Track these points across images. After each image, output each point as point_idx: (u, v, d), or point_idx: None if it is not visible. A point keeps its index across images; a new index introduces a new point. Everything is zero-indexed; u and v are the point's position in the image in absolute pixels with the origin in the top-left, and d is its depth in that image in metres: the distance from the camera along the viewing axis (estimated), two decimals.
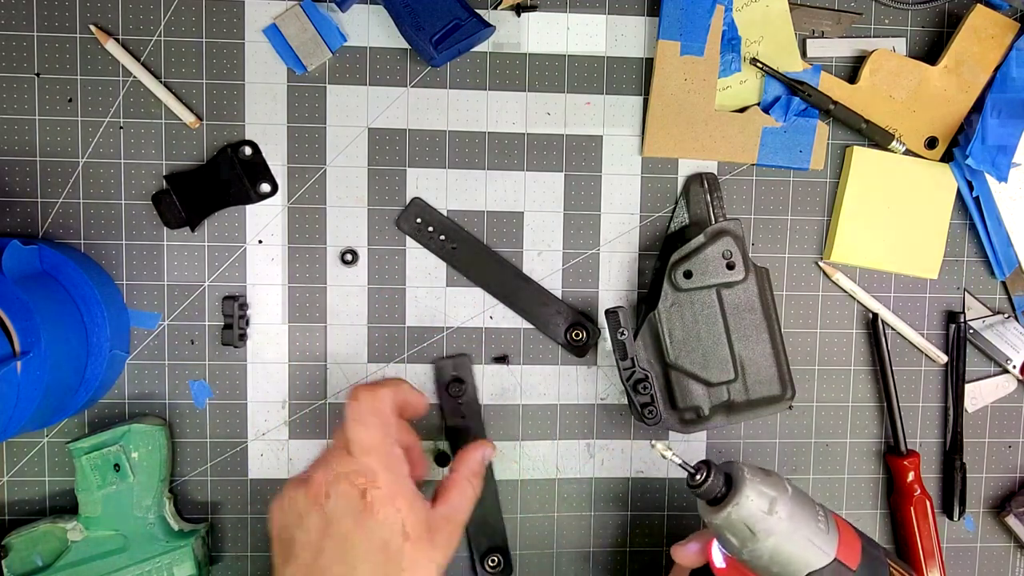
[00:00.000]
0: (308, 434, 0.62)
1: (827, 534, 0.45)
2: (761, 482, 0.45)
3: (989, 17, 0.61)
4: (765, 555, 0.43)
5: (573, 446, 0.64)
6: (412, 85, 0.61)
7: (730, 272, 0.59)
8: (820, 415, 0.65)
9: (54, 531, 0.57)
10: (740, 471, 0.45)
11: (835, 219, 0.64)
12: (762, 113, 0.62)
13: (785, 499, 0.44)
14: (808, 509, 0.45)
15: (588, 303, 0.63)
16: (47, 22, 0.58)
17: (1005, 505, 0.66)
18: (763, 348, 0.60)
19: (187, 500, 0.61)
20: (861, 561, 0.45)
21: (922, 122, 0.63)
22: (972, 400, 0.66)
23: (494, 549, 0.63)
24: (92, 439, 0.57)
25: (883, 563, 0.47)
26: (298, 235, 0.61)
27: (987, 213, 0.64)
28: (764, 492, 0.44)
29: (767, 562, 0.44)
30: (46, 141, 0.59)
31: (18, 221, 0.59)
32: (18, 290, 0.50)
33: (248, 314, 0.61)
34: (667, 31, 0.60)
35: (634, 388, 0.58)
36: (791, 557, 0.44)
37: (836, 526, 0.46)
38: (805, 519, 0.44)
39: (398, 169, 0.61)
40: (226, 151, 0.59)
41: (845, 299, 0.65)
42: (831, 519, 0.46)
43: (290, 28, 0.59)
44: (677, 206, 0.63)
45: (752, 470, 0.46)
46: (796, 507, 0.44)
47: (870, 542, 0.48)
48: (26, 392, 0.50)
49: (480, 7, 0.60)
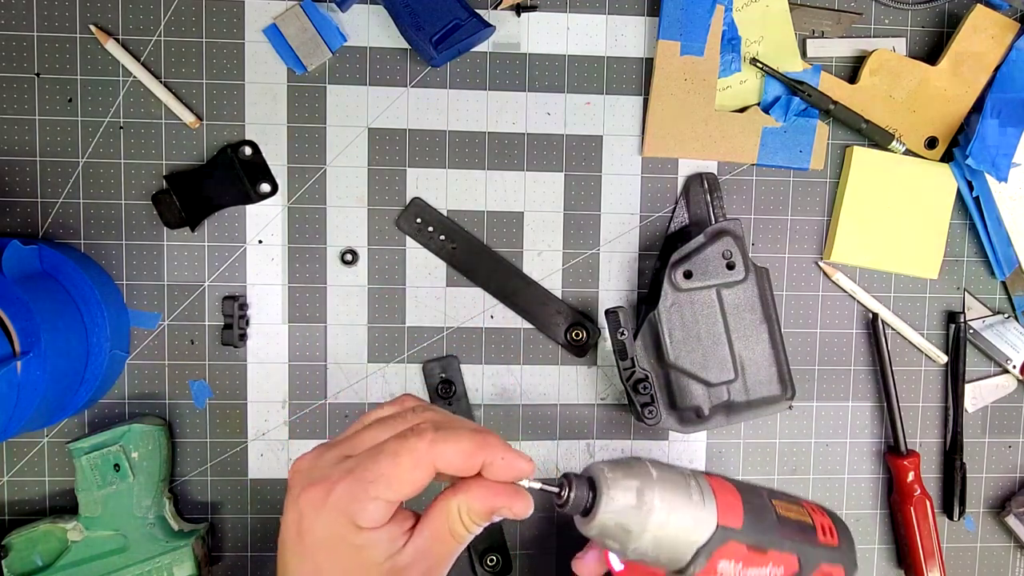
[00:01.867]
0: (308, 434, 0.62)
1: (704, 505, 0.43)
2: (624, 476, 0.42)
3: (989, 17, 0.61)
4: (649, 548, 0.42)
5: (573, 446, 0.64)
6: (412, 85, 0.61)
7: (730, 272, 0.59)
8: (820, 415, 0.65)
9: (54, 531, 0.57)
10: (599, 472, 0.42)
11: (835, 219, 0.64)
12: (762, 113, 0.62)
13: (652, 485, 0.42)
14: (678, 486, 0.43)
15: (588, 303, 0.63)
16: (47, 22, 0.58)
17: (1005, 505, 0.66)
18: (763, 348, 0.60)
19: (187, 500, 0.61)
20: (744, 517, 0.44)
21: (922, 122, 0.63)
22: (972, 400, 0.66)
23: (493, 548, 0.63)
24: (92, 439, 0.57)
25: (768, 509, 0.45)
26: (298, 235, 0.61)
27: (987, 213, 0.64)
28: (628, 486, 0.42)
29: (655, 553, 0.42)
30: (46, 141, 0.59)
31: (18, 221, 0.59)
32: (18, 290, 0.50)
33: (248, 314, 0.61)
34: (667, 31, 0.60)
35: (634, 388, 0.58)
36: (675, 542, 0.42)
37: (712, 491, 0.44)
38: (678, 498, 0.42)
39: (398, 169, 0.61)
40: (226, 151, 0.59)
41: (845, 299, 0.65)
42: (705, 485, 0.44)
43: (290, 28, 0.59)
44: (677, 206, 0.63)
45: (611, 466, 0.43)
46: (665, 490, 0.42)
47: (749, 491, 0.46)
48: (26, 392, 0.50)
49: (480, 7, 0.60)
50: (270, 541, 0.62)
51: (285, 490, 0.61)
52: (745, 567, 0.43)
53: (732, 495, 0.45)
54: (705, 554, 0.42)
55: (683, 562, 0.42)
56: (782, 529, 0.45)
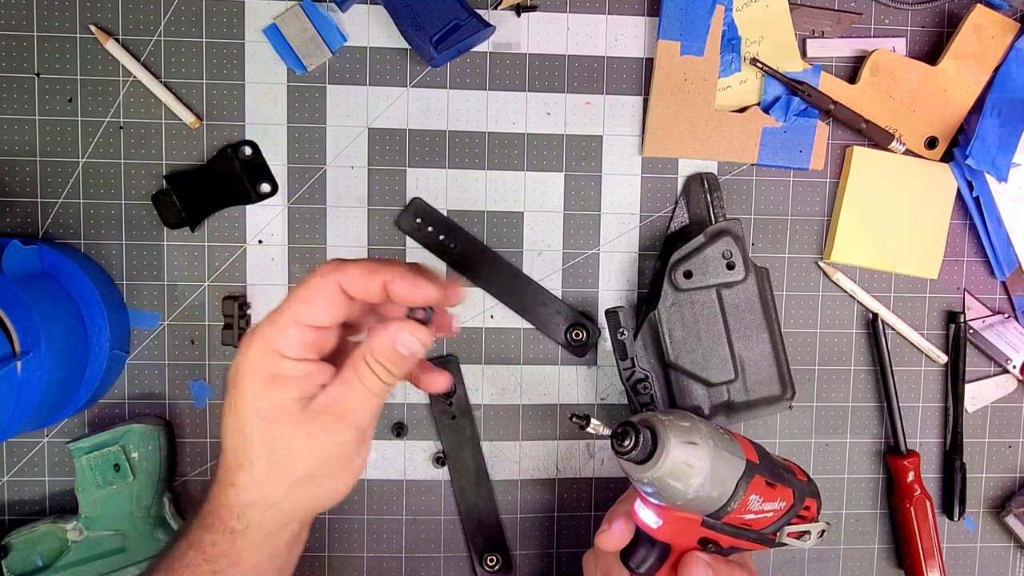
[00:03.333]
0: None
1: (734, 442, 0.47)
2: (677, 419, 0.45)
3: (989, 17, 0.61)
4: (706, 483, 0.44)
5: (573, 446, 0.64)
6: (412, 85, 0.61)
7: (730, 272, 0.59)
8: (820, 415, 0.65)
9: (54, 531, 0.57)
10: (656, 420, 0.45)
11: (835, 219, 0.64)
12: (762, 113, 0.62)
13: (699, 427, 0.45)
14: (714, 427, 0.47)
15: (588, 303, 0.63)
16: (47, 22, 0.58)
17: (1005, 505, 0.66)
18: (763, 348, 0.60)
19: (187, 500, 0.61)
20: (758, 453, 0.48)
21: (922, 122, 0.63)
22: (972, 400, 0.66)
23: (493, 548, 0.63)
24: (92, 439, 0.57)
25: (763, 449, 0.49)
26: (298, 235, 0.61)
27: (987, 213, 0.64)
28: (684, 429, 0.45)
29: (707, 491, 0.44)
30: (46, 141, 0.59)
31: (18, 221, 0.59)
32: (18, 290, 0.50)
33: (248, 314, 0.61)
34: (667, 31, 0.60)
35: (634, 388, 0.58)
36: (723, 476, 0.45)
37: (729, 432, 0.48)
38: (719, 438, 0.46)
39: (398, 169, 0.61)
40: (226, 151, 0.59)
41: (845, 299, 0.65)
42: (722, 428, 0.48)
43: (290, 28, 0.59)
44: (677, 206, 0.63)
45: (664, 412, 0.46)
46: (710, 430, 0.46)
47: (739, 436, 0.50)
48: (26, 392, 0.50)
49: (480, 7, 0.60)
50: None
51: None
52: (764, 501, 0.47)
53: (740, 436, 0.49)
54: (742, 487, 0.46)
55: (725, 497, 0.45)
56: (778, 467, 0.49)
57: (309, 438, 0.40)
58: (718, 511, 0.46)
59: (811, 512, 0.52)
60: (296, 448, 0.40)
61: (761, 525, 0.49)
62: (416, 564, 0.63)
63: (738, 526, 0.48)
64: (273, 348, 0.40)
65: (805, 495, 0.50)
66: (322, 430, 0.40)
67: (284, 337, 0.40)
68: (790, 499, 0.49)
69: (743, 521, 0.47)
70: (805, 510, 0.51)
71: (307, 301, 0.40)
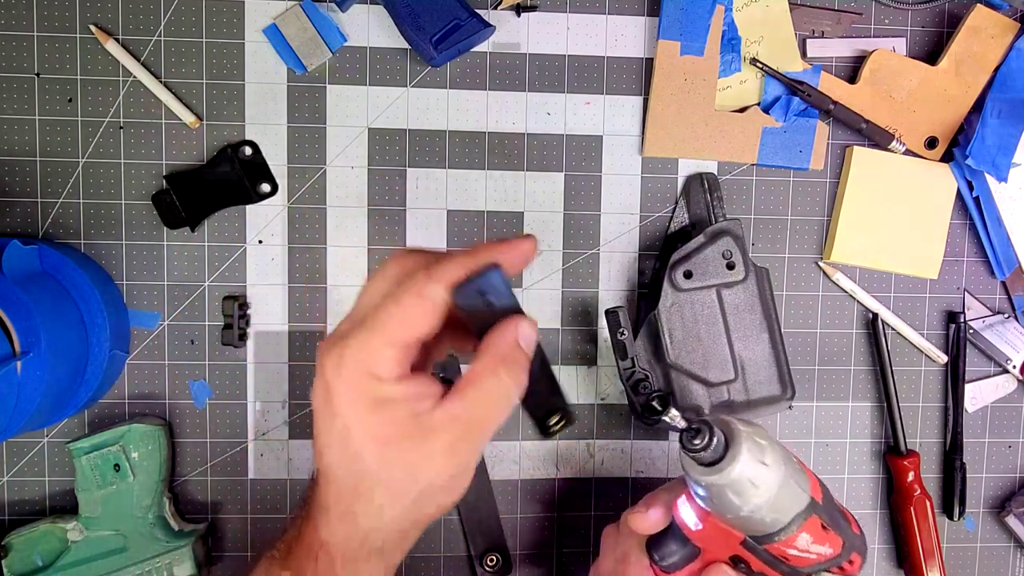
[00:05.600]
0: (308, 434, 0.62)
1: (804, 475, 0.45)
2: (753, 433, 0.43)
3: (989, 17, 0.61)
4: (764, 507, 0.42)
5: (573, 446, 0.64)
6: (412, 85, 0.61)
7: (730, 272, 0.59)
8: (820, 415, 0.65)
9: (54, 531, 0.57)
10: (732, 425, 0.43)
11: (835, 219, 0.64)
12: (762, 113, 0.62)
13: (774, 447, 0.43)
14: (787, 454, 0.45)
15: (588, 303, 0.63)
16: (47, 22, 0.58)
17: (1005, 505, 0.66)
18: (763, 348, 0.60)
19: (187, 500, 0.61)
20: (823, 494, 0.46)
21: (922, 122, 0.63)
22: (972, 400, 0.66)
23: (492, 548, 0.63)
24: (92, 439, 0.57)
25: (828, 491, 0.47)
26: (298, 235, 0.61)
27: (987, 213, 0.64)
28: (757, 442, 0.43)
29: (762, 514, 0.42)
30: (46, 141, 0.59)
31: (18, 221, 0.59)
32: (18, 290, 0.50)
33: (248, 314, 0.61)
34: (667, 31, 0.60)
35: (634, 388, 0.58)
36: (784, 504, 0.43)
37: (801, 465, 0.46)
38: (791, 464, 0.44)
39: (398, 169, 0.61)
40: (226, 151, 0.59)
41: (845, 299, 0.65)
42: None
43: (290, 28, 0.59)
44: (677, 206, 0.63)
45: (742, 422, 0.44)
46: (782, 452, 0.44)
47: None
48: (26, 392, 0.50)
49: (480, 7, 0.60)
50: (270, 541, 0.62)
51: (287, 482, 0.61)
52: (813, 542, 0.45)
53: (809, 471, 0.46)
54: (797, 522, 0.43)
55: (777, 527, 0.43)
56: (836, 512, 0.47)
57: (429, 457, 0.37)
58: (764, 537, 0.44)
59: (853, 568, 0.48)
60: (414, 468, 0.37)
61: (800, 564, 0.46)
62: (416, 564, 0.63)
63: (777, 557, 0.45)
64: (370, 372, 0.37)
65: (853, 549, 0.47)
66: (446, 447, 0.37)
67: (381, 360, 0.36)
68: (838, 548, 0.46)
69: (784, 554, 0.45)
70: (848, 563, 0.48)
71: (403, 321, 0.37)
